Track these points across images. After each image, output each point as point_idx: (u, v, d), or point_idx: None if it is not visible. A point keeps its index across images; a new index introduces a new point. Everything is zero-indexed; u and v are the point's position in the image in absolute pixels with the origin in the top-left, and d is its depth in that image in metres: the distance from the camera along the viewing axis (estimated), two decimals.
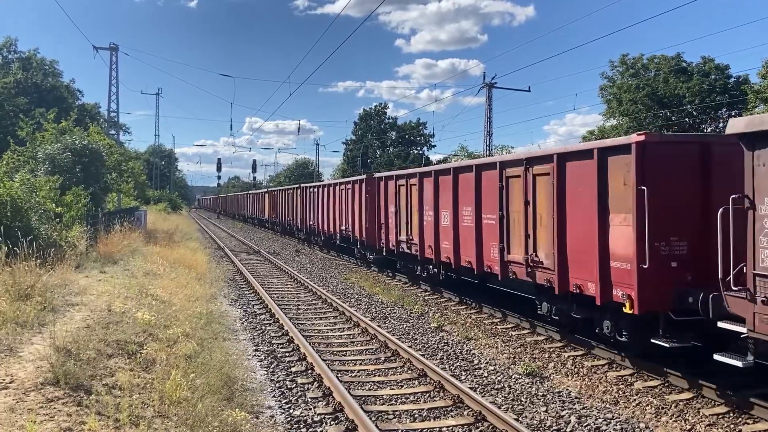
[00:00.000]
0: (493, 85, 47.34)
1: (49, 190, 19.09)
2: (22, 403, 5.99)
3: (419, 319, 13.74)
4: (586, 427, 7.39)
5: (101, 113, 52.10)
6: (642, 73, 51.22)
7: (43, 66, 50.27)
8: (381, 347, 11.17)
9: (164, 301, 12.21)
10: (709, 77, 48.50)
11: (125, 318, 9.91)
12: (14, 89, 45.29)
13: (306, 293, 17.48)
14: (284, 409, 7.89)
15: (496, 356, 10.64)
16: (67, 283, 12.11)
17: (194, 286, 15.13)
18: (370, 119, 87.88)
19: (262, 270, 23.00)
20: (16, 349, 7.63)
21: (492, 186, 12.82)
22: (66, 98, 49.52)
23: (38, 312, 9.28)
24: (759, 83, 40.49)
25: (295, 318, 13.66)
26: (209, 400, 6.91)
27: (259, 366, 9.89)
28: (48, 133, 24.49)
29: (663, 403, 8.19)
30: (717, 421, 7.52)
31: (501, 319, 13.56)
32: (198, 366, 8.16)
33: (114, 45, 40.80)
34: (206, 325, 11.17)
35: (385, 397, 8.46)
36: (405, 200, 18.17)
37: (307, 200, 32.90)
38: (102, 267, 15.65)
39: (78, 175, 23.02)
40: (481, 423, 7.40)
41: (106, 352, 8.00)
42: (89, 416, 5.84)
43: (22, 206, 15.27)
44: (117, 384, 6.96)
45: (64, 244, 16.09)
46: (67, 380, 6.57)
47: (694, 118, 46.44)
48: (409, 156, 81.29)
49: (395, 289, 18.08)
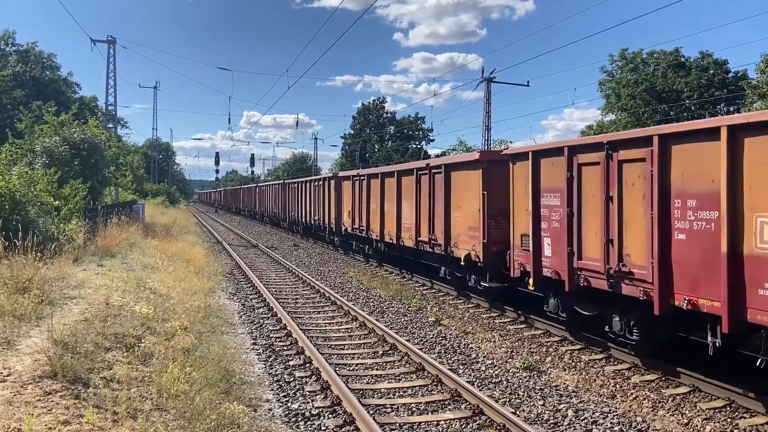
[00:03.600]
0: (492, 80, 47.19)
1: (47, 183, 19.06)
2: (20, 396, 5.99)
3: (417, 313, 13.75)
4: (583, 420, 7.40)
5: (99, 106, 51.91)
6: (641, 68, 51.19)
7: (41, 59, 50.12)
8: (379, 341, 11.18)
9: (162, 295, 12.21)
10: (707, 72, 48.48)
11: (123, 311, 9.90)
12: (12, 82, 45.19)
13: (304, 287, 17.48)
14: (282, 402, 7.90)
15: (494, 350, 10.65)
16: (65, 276, 12.09)
17: (192, 279, 15.12)
18: (369, 113, 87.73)
19: (260, 264, 22.99)
20: (14, 343, 7.62)
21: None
22: (64, 91, 49.44)
23: (36, 305, 9.27)
24: (757, 78, 40.48)
25: (293, 312, 13.67)
26: (207, 394, 6.91)
27: (257, 359, 9.89)
28: (47, 126, 24.43)
29: (660, 396, 8.21)
30: (714, 415, 7.55)
31: (499, 313, 13.58)
32: (196, 359, 8.17)
33: (112, 38, 40.49)
34: (204, 319, 11.18)
35: (383, 390, 8.47)
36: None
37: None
38: (100, 260, 15.63)
39: (76, 168, 22.99)
40: (479, 417, 7.42)
41: (103, 345, 8.00)
42: (87, 409, 5.84)
43: (21, 199, 15.23)
44: (115, 377, 6.96)
45: (62, 238, 16.07)
46: (65, 373, 6.56)
47: (692, 113, 46.41)
48: (408, 150, 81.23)
49: (393, 283, 18.10)
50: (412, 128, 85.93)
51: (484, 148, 43.42)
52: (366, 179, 22.35)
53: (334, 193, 26.86)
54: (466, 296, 15.45)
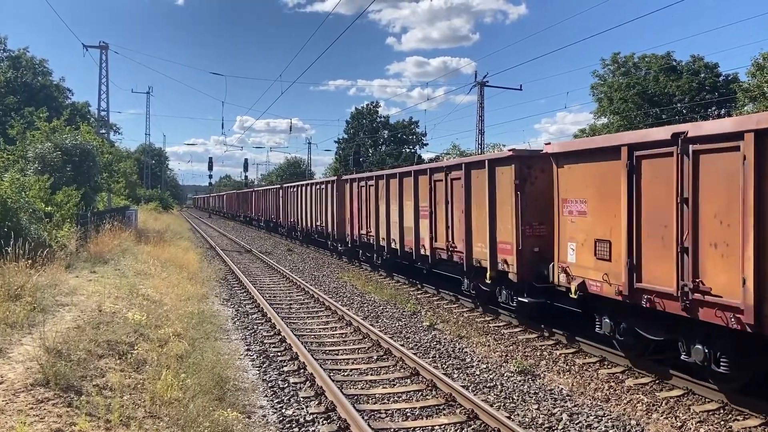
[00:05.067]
0: (485, 84, 47.39)
1: (39, 189, 18.97)
2: (12, 404, 5.95)
3: (411, 318, 13.75)
4: (577, 424, 7.41)
5: (91, 112, 51.83)
6: (633, 72, 51.51)
7: (33, 65, 50.03)
8: (373, 346, 11.16)
9: (155, 301, 12.16)
10: (698, 76, 48.84)
11: (116, 318, 9.85)
12: (4, 88, 45.05)
13: (298, 292, 17.45)
14: (276, 408, 7.87)
15: (489, 354, 10.66)
16: (57, 283, 12.02)
17: (186, 285, 15.07)
18: (362, 118, 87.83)
19: (254, 269, 22.94)
20: (6, 350, 7.56)
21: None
22: (56, 97, 49.35)
23: (28, 312, 9.21)
24: (748, 82, 40.78)
25: (287, 317, 13.63)
26: (201, 400, 6.88)
27: (251, 366, 9.86)
28: (39, 132, 24.34)
29: (654, 400, 8.23)
30: (708, 418, 7.57)
31: (493, 317, 13.59)
32: (189, 366, 8.13)
33: (104, 43, 40.67)
34: (198, 325, 11.13)
35: (378, 395, 8.46)
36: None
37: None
38: (92, 267, 15.55)
39: (69, 174, 22.90)
40: (473, 421, 7.41)
41: (96, 352, 7.95)
42: (80, 417, 5.80)
43: (12, 206, 15.15)
44: (108, 384, 6.92)
45: (55, 244, 15.99)
46: (58, 381, 6.52)
47: (683, 116, 46.69)
48: (402, 155, 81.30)
49: (388, 287, 18.08)
50: (405, 132, 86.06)
51: (478, 152, 43.50)
52: (374, 181, 20.54)
53: (341, 195, 24.71)
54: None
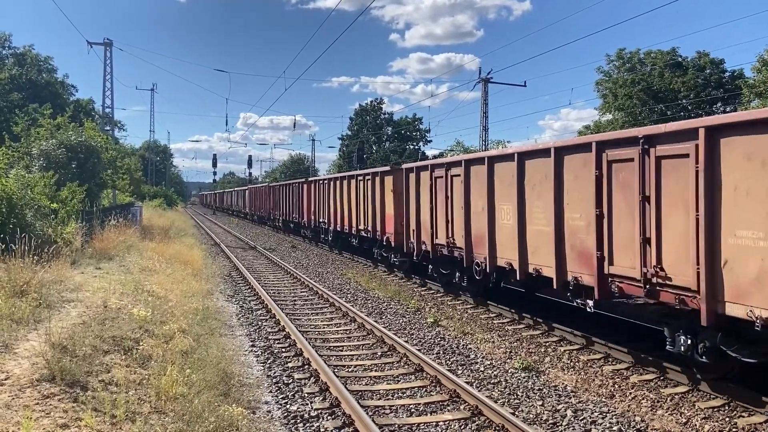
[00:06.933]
0: (488, 80, 47.21)
1: (44, 186, 19.04)
2: (18, 399, 5.98)
3: (415, 315, 13.75)
4: (582, 420, 7.41)
5: (96, 109, 51.91)
6: (638, 68, 51.31)
7: (38, 62, 50.20)
8: (377, 342, 11.17)
9: (160, 297, 12.19)
10: (704, 72, 48.63)
11: (121, 314, 9.89)
12: (9, 85, 45.21)
13: (302, 289, 17.47)
14: (281, 404, 7.89)
15: (493, 351, 10.65)
16: (62, 279, 12.08)
17: (190, 282, 15.10)
18: (366, 115, 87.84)
19: (258, 266, 22.98)
20: (12, 346, 7.60)
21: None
22: (60, 94, 49.54)
23: (34, 308, 9.25)
24: (753, 78, 40.60)
25: (291, 314, 13.65)
26: (206, 396, 6.90)
27: (256, 362, 9.88)
28: (43, 129, 24.41)
29: (659, 396, 8.22)
30: (712, 414, 7.55)
31: (497, 314, 13.58)
32: (194, 362, 8.16)
33: (108, 40, 40.47)
34: (202, 321, 11.16)
35: (382, 392, 8.47)
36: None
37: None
38: (97, 263, 15.61)
39: (74, 170, 22.98)
40: (478, 417, 7.41)
41: (102, 348, 7.99)
42: (85, 412, 5.83)
43: (18, 203, 15.21)
44: (113, 380, 6.95)
45: (60, 241, 16.05)
46: (63, 377, 6.56)
47: (689, 112, 46.52)
48: (405, 151, 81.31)
49: (391, 284, 18.09)
50: (409, 129, 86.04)
51: (483, 149, 43.41)
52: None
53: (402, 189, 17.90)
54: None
